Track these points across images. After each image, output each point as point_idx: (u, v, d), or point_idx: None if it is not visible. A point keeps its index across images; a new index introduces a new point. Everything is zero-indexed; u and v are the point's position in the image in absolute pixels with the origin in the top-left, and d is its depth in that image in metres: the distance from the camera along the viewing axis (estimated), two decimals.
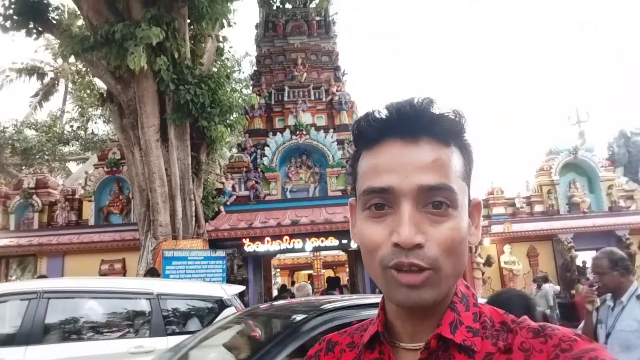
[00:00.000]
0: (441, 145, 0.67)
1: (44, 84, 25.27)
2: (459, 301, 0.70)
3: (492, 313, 0.71)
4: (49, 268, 11.14)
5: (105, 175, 12.19)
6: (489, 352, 0.65)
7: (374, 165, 0.68)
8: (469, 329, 0.67)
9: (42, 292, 4.68)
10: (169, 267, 8.73)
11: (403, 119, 0.66)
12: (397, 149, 0.67)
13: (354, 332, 0.81)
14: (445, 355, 0.66)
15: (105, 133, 20.69)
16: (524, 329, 0.66)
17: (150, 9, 8.75)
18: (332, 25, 14.32)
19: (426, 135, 0.66)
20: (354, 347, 0.78)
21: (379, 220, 0.66)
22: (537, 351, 0.63)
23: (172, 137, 9.77)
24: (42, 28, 9.88)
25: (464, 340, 0.65)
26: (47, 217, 12.21)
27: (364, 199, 0.68)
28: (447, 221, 0.65)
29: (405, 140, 0.67)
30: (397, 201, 0.65)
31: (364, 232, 0.68)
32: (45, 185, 12.55)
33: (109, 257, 11.16)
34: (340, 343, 0.81)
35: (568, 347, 0.61)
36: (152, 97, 9.47)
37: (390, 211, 0.66)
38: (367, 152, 0.71)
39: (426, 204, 0.65)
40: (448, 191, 0.65)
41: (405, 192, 0.64)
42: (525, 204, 14.05)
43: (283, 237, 10.86)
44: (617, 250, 3.11)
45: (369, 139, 0.70)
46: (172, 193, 9.64)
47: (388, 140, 0.68)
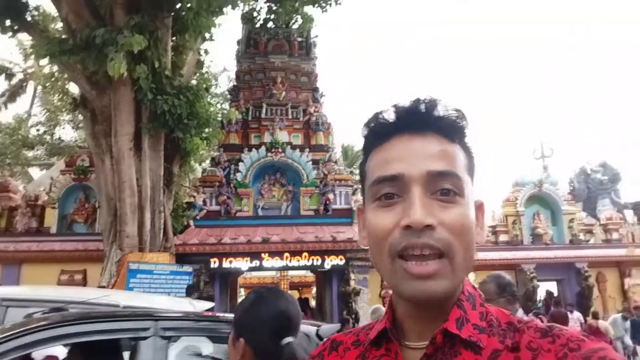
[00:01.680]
0: (446, 140, 0.70)
1: (11, 85, 24.53)
2: (466, 299, 0.70)
3: (498, 313, 0.72)
4: (4, 276, 10.63)
5: (71, 182, 11.84)
6: (496, 349, 0.65)
7: (384, 157, 0.71)
8: (475, 326, 0.67)
9: (2, 299, 4.43)
10: (133, 280, 8.44)
11: (411, 116, 0.70)
12: (405, 141, 0.70)
13: (359, 332, 0.82)
14: (452, 352, 0.66)
15: (73, 139, 20.14)
16: (531, 328, 0.67)
17: (134, 16, 8.65)
18: (313, 47, 14.51)
19: (432, 130, 0.70)
20: (359, 344, 0.78)
21: (389, 208, 0.68)
22: (545, 350, 0.63)
23: (146, 147, 9.58)
24: (18, 27, 9.62)
25: (470, 336, 0.66)
26: (6, 223, 11.70)
27: (374, 190, 0.70)
28: (455, 207, 0.66)
29: (413, 133, 0.70)
30: (407, 188, 0.67)
31: (373, 221, 0.69)
32: (6, 189, 12.09)
33: (70, 267, 10.76)
34: (344, 342, 0.81)
35: (576, 347, 0.61)
36: (128, 105, 9.30)
37: (400, 199, 0.67)
38: (375, 150, 0.73)
39: (434, 191, 0.67)
40: (456, 178, 0.67)
41: (414, 177, 0.66)
42: (491, 233, 14.38)
43: (252, 254, 10.73)
44: (505, 275, 2.97)
45: (378, 137, 0.73)
46: (142, 204, 9.40)
47: (396, 136, 0.71)
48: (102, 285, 7.88)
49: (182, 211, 11.52)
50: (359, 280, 10.99)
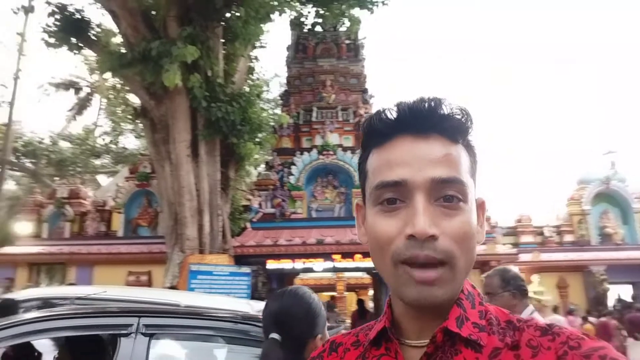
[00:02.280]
0: (450, 142, 0.69)
1: (79, 99, 26.16)
2: (465, 298, 0.70)
3: (498, 312, 0.71)
4: (78, 277, 11.37)
5: (135, 188, 12.47)
6: (496, 347, 0.65)
7: (387, 160, 0.69)
8: (475, 325, 0.67)
9: (74, 297, 4.77)
10: (194, 281, 8.79)
11: (415, 116, 0.68)
12: (409, 144, 0.68)
13: (358, 332, 0.81)
14: (452, 350, 0.66)
15: (136, 147, 21.23)
16: (531, 327, 0.67)
17: (186, 28, 9.01)
18: (360, 48, 14.50)
19: (436, 132, 0.68)
20: (359, 345, 0.77)
21: (391, 214, 0.67)
22: (545, 348, 0.63)
23: (203, 153, 9.94)
24: (82, 44, 10.27)
25: (470, 335, 0.66)
26: (78, 227, 12.52)
27: (376, 194, 0.69)
28: (458, 215, 0.66)
29: (416, 136, 0.68)
30: (411, 194, 0.66)
31: (376, 226, 0.68)
32: (78, 195, 12.91)
33: (136, 268, 11.33)
34: (344, 343, 0.80)
35: (576, 345, 0.61)
36: (184, 113, 9.70)
37: (403, 205, 0.66)
38: (377, 149, 0.72)
39: (438, 198, 0.66)
40: (459, 184, 0.67)
41: (418, 184, 0.65)
42: (555, 233, 13.75)
43: (307, 256, 10.85)
44: (512, 268, 2.80)
45: (380, 136, 0.71)
46: (201, 208, 9.77)
47: (399, 136, 0.69)
48: (174, 287, 8.24)
49: (239, 214, 11.85)
50: None
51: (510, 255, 11.52)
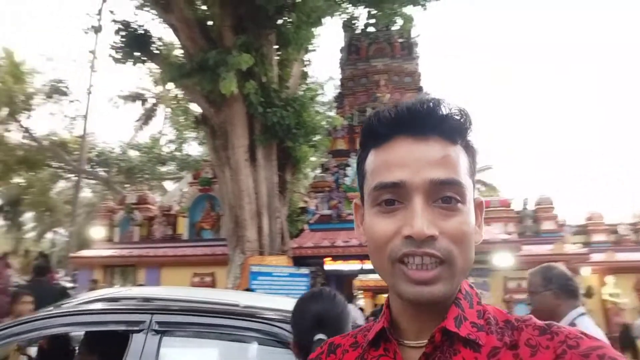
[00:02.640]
0: (449, 143, 0.69)
1: (145, 109, 27.64)
2: (463, 298, 0.70)
3: (496, 312, 0.71)
4: (147, 278, 12.01)
5: (198, 193, 12.98)
6: (495, 346, 0.65)
7: (385, 161, 0.69)
8: (474, 324, 0.67)
9: (142, 298, 5.08)
10: (255, 281, 9.05)
11: (413, 117, 0.68)
12: (407, 146, 0.68)
13: (357, 333, 0.82)
14: (450, 350, 0.66)
15: (199, 154, 22.09)
16: (529, 326, 0.67)
17: (240, 36, 9.28)
18: (414, 46, 14.30)
19: (435, 133, 0.68)
20: (358, 346, 0.78)
21: (389, 215, 0.67)
22: (544, 347, 0.62)
23: (260, 157, 10.20)
24: (145, 57, 10.84)
25: (468, 334, 0.66)
26: (146, 231, 13.22)
27: (375, 195, 0.69)
28: (457, 215, 0.66)
29: (415, 137, 0.68)
30: (409, 196, 0.66)
31: (374, 227, 0.69)
32: (145, 201, 13.64)
33: (200, 270, 11.79)
34: (342, 345, 0.81)
35: (575, 344, 0.61)
36: (241, 119, 9.98)
37: (401, 206, 0.67)
38: (375, 150, 0.72)
39: (436, 199, 0.66)
40: (458, 186, 0.67)
41: (416, 186, 0.66)
42: (632, 231, 12.91)
43: (365, 257, 10.84)
44: (557, 266, 2.54)
45: (378, 136, 0.71)
46: (259, 210, 10.02)
47: (398, 137, 0.69)
48: (247, 288, 8.52)
49: (296, 216, 12.05)
50: (479, 283, 10.53)
51: (580, 255, 10.93)
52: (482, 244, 3.41)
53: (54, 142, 20.21)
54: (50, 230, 32.57)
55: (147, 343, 2.10)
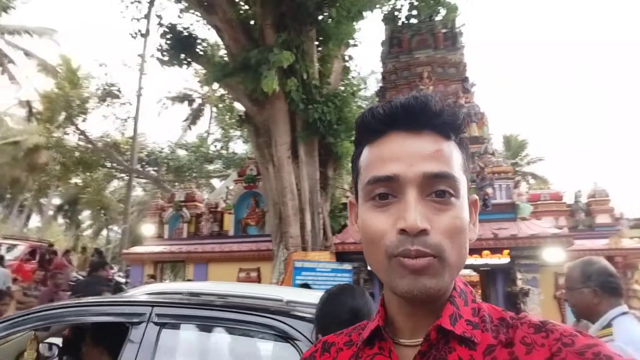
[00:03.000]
0: (442, 138, 0.69)
1: (192, 109, 28.45)
2: (458, 296, 0.70)
3: (490, 309, 0.71)
4: (195, 273, 12.37)
5: (243, 190, 13.22)
6: (490, 344, 0.65)
7: (379, 155, 0.70)
8: (469, 322, 0.67)
9: (187, 293, 5.24)
10: (298, 277, 9.14)
11: (407, 112, 0.68)
12: (401, 140, 0.69)
13: (351, 332, 0.81)
14: (446, 348, 0.66)
15: (244, 152, 22.51)
16: (524, 324, 0.66)
17: (281, 34, 9.36)
18: (459, 36, 13.92)
19: (428, 128, 0.69)
20: (352, 345, 0.77)
21: (383, 209, 0.67)
22: (539, 345, 0.62)
23: (302, 154, 10.27)
24: (191, 59, 11.14)
25: (464, 332, 0.65)
26: (194, 228, 13.61)
27: (368, 189, 0.69)
28: (450, 210, 0.66)
29: (409, 132, 0.69)
30: (402, 189, 0.66)
31: (367, 222, 0.69)
32: (193, 199, 14.03)
33: (246, 265, 12.01)
34: (336, 343, 0.80)
35: (570, 342, 0.61)
36: (283, 116, 10.08)
37: (395, 200, 0.67)
38: (370, 145, 0.72)
39: (430, 193, 0.66)
40: (451, 179, 0.67)
41: (410, 179, 0.66)
42: None
43: None
44: (599, 260, 2.29)
45: (373, 132, 0.72)
46: (302, 206, 10.10)
47: (392, 133, 0.70)
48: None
49: (339, 212, 12.04)
50: (527, 279, 10.16)
51: (638, 250, 10.36)
52: (530, 239, 3.30)
53: (107, 143, 21.15)
54: (105, 227, 34.17)
55: (147, 334, 2.14)
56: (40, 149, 24.03)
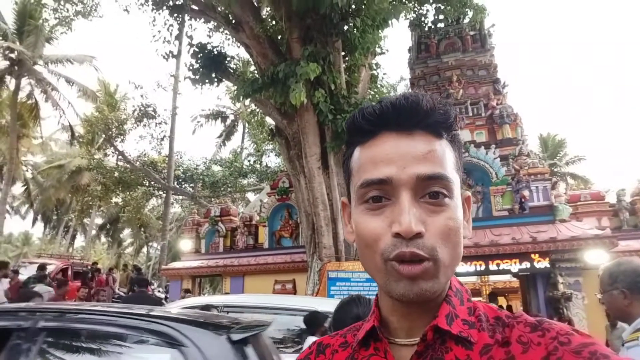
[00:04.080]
0: (434, 137, 0.68)
1: (226, 126, 29.04)
2: (454, 295, 0.70)
3: (486, 309, 0.71)
4: (232, 286, 12.52)
5: (276, 202, 13.34)
6: (487, 343, 0.65)
7: (371, 157, 0.69)
8: (465, 322, 0.67)
9: (223, 306, 5.33)
10: (333, 287, 9.11)
11: (398, 112, 0.68)
12: (392, 141, 0.68)
13: (346, 333, 0.80)
14: (442, 348, 0.65)
15: (277, 165, 22.76)
16: (521, 323, 0.66)
17: (307, 47, 9.47)
18: (488, 37, 13.74)
19: (420, 128, 0.68)
20: (347, 346, 0.77)
21: (377, 212, 0.67)
22: (536, 344, 0.62)
23: (332, 164, 10.29)
24: (221, 77, 11.39)
25: (460, 332, 0.65)
26: (230, 241, 13.81)
27: (361, 192, 0.68)
28: (444, 211, 0.66)
29: (400, 132, 0.68)
30: (396, 192, 0.66)
31: (362, 225, 0.68)
32: (228, 213, 14.25)
33: (282, 277, 12.07)
34: (331, 345, 0.79)
35: (566, 341, 0.60)
36: (313, 128, 10.15)
37: (388, 203, 0.66)
38: (361, 146, 0.72)
39: (423, 194, 0.66)
40: (444, 180, 0.66)
41: (403, 182, 0.65)
42: None
43: None
44: (631, 260, 2.20)
45: (364, 132, 0.71)
46: (334, 217, 10.09)
47: (383, 133, 0.69)
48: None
49: None
50: (569, 283, 9.80)
51: None
52: (571, 241, 3.27)
53: (144, 162, 21.79)
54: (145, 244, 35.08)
55: (27, 344, 2.11)
56: (82, 171, 25.08)
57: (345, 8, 9.32)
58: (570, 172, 26.40)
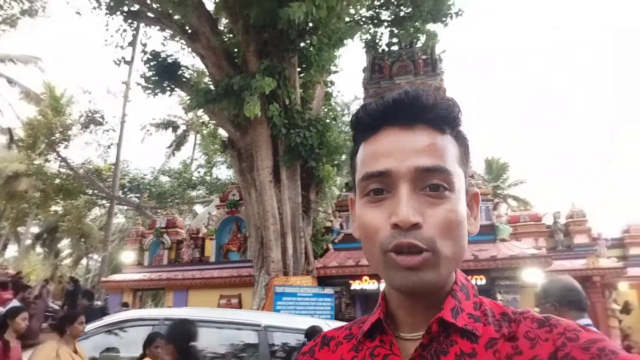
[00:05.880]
0: (436, 131, 0.68)
1: (176, 136, 28.40)
2: (459, 289, 0.70)
3: (492, 304, 0.70)
4: (175, 301, 12.14)
5: (225, 215, 13.15)
6: (493, 337, 0.64)
7: (372, 151, 0.70)
8: (470, 316, 0.67)
9: (164, 319, 5.15)
10: (279, 302, 9.02)
11: (399, 107, 0.68)
12: (394, 135, 0.68)
13: (351, 326, 0.81)
14: (447, 341, 0.65)
15: (227, 177, 22.46)
16: (527, 319, 0.66)
17: (264, 61, 9.50)
18: (438, 62, 14.27)
19: (421, 122, 0.68)
20: (352, 338, 0.77)
21: (377, 205, 0.67)
22: (543, 340, 0.62)
23: (284, 178, 10.29)
24: (174, 86, 11.20)
25: (465, 325, 0.65)
26: (175, 254, 13.43)
27: (363, 185, 0.69)
28: (444, 203, 0.65)
29: (402, 127, 0.68)
30: (395, 184, 0.66)
31: (363, 217, 0.69)
32: (174, 225, 13.88)
33: (227, 292, 11.85)
34: (336, 337, 0.79)
35: (574, 337, 0.60)
36: (266, 141, 10.14)
37: (389, 195, 0.67)
38: (365, 142, 0.73)
39: (423, 187, 0.66)
40: (444, 173, 0.66)
41: (402, 174, 0.66)
42: None
43: None
44: (562, 277, 2.50)
45: (366, 128, 0.72)
46: (284, 231, 10.05)
47: (385, 128, 0.70)
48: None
49: (321, 236, 12.02)
50: (508, 300, 10.20)
51: (615, 270, 10.49)
52: (510, 260, 3.46)
53: (89, 170, 20.92)
54: (85, 256, 33.46)
55: None
56: (20, 177, 23.67)
57: (302, 25, 9.44)
58: (512, 194, 27.59)
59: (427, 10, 11.55)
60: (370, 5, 12.35)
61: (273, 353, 5.02)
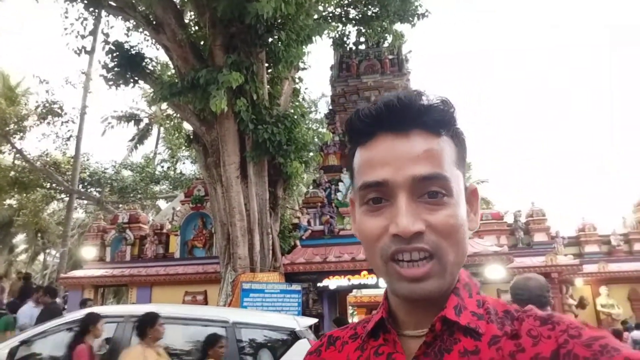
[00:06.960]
0: (432, 135, 0.68)
1: (139, 129, 27.72)
2: (462, 288, 0.70)
3: (495, 302, 0.71)
4: (139, 297, 11.89)
5: (190, 211, 12.94)
6: (495, 335, 0.65)
7: (368, 160, 0.70)
8: (473, 313, 0.68)
9: (129, 316, 5.06)
10: (246, 299, 8.99)
11: (392, 112, 0.67)
12: (388, 143, 0.68)
13: (356, 325, 0.82)
14: (451, 339, 0.66)
15: (192, 172, 22.10)
16: (530, 317, 0.66)
17: (231, 55, 9.38)
18: (405, 62, 14.49)
19: (416, 127, 0.67)
20: (357, 337, 0.78)
21: (376, 213, 0.68)
22: (546, 337, 0.62)
23: (251, 174, 10.22)
24: (137, 77, 10.91)
25: (468, 323, 0.66)
26: (138, 250, 13.13)
27: (361, 194, 0.70)
28: (443, 209, 0.65)
29: (396, 133, 0.68)
30: (393, 193, 0.66)
31: (362, 226, 0.69)
32: (137, 220, 13.57)
33: (192, 289, 11.69)
34: (341, 337, 0.80)
35: (577, 334, 0.60)
36: (232, 136, 10.03)
37: (387, 204, 0.67)
38: (361, 147, 0.72)
39: (422, 194, 0.66)
40: (442, 180, 0.66)
41: (399, 184, 0.65)
42: (623, 242, 12.97)
43: (360, 272, 10.77)
44: (537, 278, 2.54)
45: (361, 134, 0.71)
46: (251, 227, 9.99)
47: (380, 134, 0.69)
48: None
49: (288, 232, 12.01)
50: None
51: (572, 267, 10.95)
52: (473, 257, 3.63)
53: (46, 163, 20.16)
54: (42, 251, 32.28)
55: None
56: None
57: (270, 20, 9.37)
58: None
59: (394, 10, 11.68)
60: (339, 2, 12.39)
61: (241, 349, 5.03)
